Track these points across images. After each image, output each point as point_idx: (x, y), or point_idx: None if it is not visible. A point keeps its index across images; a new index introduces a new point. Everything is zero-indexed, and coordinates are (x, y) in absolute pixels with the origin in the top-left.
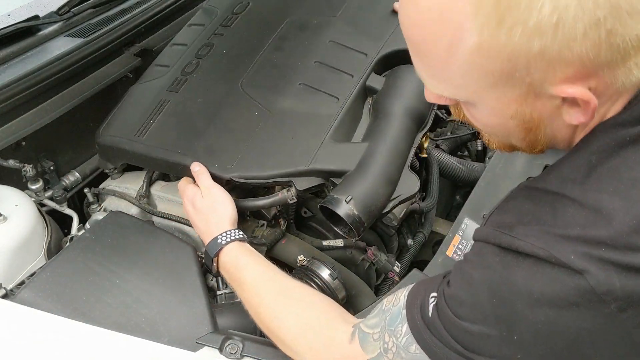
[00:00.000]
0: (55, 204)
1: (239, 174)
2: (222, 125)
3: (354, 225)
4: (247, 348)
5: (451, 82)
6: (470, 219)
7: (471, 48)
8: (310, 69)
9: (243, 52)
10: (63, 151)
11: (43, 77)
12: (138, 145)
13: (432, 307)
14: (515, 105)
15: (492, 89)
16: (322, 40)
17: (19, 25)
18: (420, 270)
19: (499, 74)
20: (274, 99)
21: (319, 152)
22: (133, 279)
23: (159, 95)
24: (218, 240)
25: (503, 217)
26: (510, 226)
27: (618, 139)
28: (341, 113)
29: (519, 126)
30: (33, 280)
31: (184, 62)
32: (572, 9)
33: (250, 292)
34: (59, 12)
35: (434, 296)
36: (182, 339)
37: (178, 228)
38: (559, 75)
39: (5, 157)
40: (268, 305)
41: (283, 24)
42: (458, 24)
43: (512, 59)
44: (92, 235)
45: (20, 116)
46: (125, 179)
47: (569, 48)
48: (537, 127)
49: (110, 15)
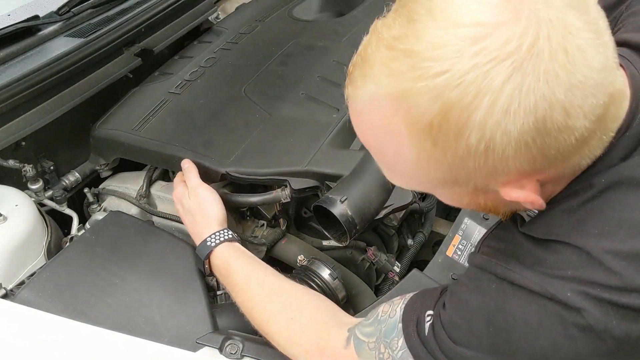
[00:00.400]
0: (55, 204)
1: (235, 169)
2: (222, 123)
3: (347, 226)
4: (247, 348)
5: (403, 180)
6: (470, 219)
7: (412, 161)
8: (313, 82)
9: (248, 63)
10: (63, 151)
11: (43, 77)
12: (134, 138)
13: (428, 325)
14: (468, 197)
15: (441, 187)
16: (326, 59)
17: (19, 25)
18: (420, 270)
19: (443, 180)
20: (275, 105)
21: (317, 155)
22: (133, 279)
23: (161, 96)
24: (207, 243)
25: (499, 244)
26: (505, 258)
27: (602, 184)
28: (341, 122)
29: (478, 209)
30: (33, 280)
31: (188, 70)
32: (498, 137)
33: (243, 295)
34: (59, 12)
35: (430, 314)
36: (182, 339)
37: (178, 228)
38: (500, 182)
39: (5, 157)
40: (261, 309)
41: (289, 44)
42: (397, 142)
43: (452, 171)
44: (92, 235)
45: (20, 116)
46: (126, 179)
47: (503, 165)
48: (495, 209)
49: (110, 15)
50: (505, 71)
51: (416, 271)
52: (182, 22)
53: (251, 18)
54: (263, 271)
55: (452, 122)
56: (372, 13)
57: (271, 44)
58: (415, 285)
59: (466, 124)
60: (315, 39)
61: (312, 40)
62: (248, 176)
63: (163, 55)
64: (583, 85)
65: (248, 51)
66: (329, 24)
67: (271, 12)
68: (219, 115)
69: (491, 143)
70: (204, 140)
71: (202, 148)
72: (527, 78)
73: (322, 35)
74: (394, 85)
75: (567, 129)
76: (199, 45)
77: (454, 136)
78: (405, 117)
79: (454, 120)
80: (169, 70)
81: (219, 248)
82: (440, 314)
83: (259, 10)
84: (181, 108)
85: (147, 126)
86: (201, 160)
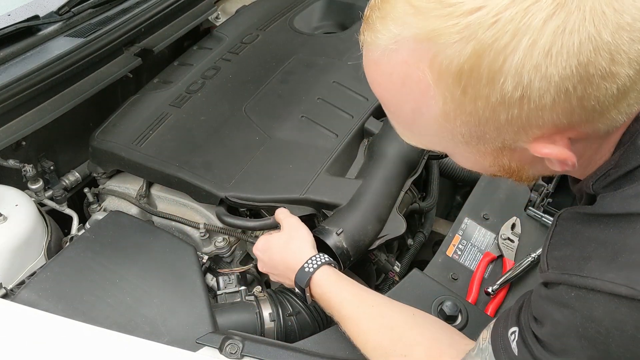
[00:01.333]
0: (55, 204)
1: (234, 193)
2: (222, 144)
3: (341, 258)
4: (247, 348)
5: (421, 138)
6: (470, 218)
7: (437, 114)
8: (313, 104)
9: (249, 78)
10: (63, 151)
11: (43, 77)
12: (135, 154)
13: (514, 344)
14: (491, 157)
15: (464, 145)
16: (326, 79)
17: (19, 25)
18: (420, 270)
19: (468, 135)
20: (275, 127)
21: (314, 183)
22: (133, 279)
23: (161, 108)
24: (305, 269)
25: (565, 251)
26: (578, 264)
27: None
28: (339, 149)
29: (499, 172)
30: (33, 280)
31: (189, 80)
32: (537, 83)
33: (352, 328)
34: (59, 12)
35: (514, 331)
36: (182, 339)
37: (178, 228)
38: (532, 136)
39: (5, 157)
40: (375, 345)
41: (290, 59)
42: (421, 91)
43: (480, 124)
44: (92, 235)
45: (20, 116)
46: (126, 179)
47: (538, 116)
48: (518, 172)
49: (110, 15)
50: (547, 8)
51: (416, 271)
52: (182, 22)
53: (252, 25)
54: (368, 297)
55: (485, 67)
56: None
57: (272, 59)
58: (415, 285)
59: (501, 68)
60: (316, 55)
61: (312, 56)
62: (246, 202)
63: (163, 55)
64: (631, 28)
65: (249, 64)
66: (329, 40)
67: (272, 19)
68: (219, 134)
69: (528, 90)
70: (204, 161)
71: (203, 170)
72: (572, 16)
73: (322, 52)
74: (420, 26)
75: (611, 76)
76: (199, 51)
77: (487, 82)
78: (432, 62)
79: (487, 64)
80: (169, 78)
81: (319, 274)
82: (529, 327)
83: (259, 16)
84: (181, 124)
85: (147, 141)
86: (201, 183)
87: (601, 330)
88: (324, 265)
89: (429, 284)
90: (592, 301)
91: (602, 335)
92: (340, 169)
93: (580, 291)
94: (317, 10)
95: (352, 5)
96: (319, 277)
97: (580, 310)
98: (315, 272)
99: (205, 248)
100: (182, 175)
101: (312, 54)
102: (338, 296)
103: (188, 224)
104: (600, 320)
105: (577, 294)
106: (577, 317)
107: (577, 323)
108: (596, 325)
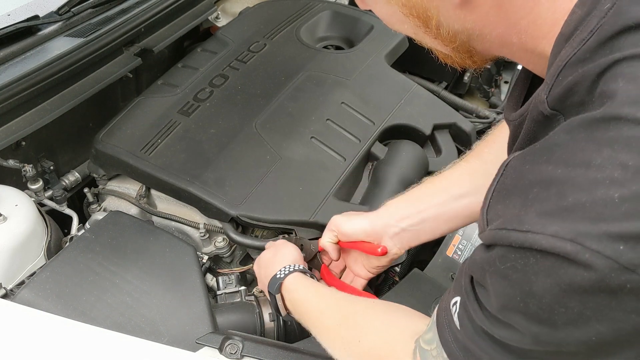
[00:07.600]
0: (55, 204)
1: (245, 213)
2: (233, 160)
3: None
4: (247, 348)
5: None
6: None
7: None
8: (322, 125)
9: (258, 92)
10: (63, 151)
11: (43, 77)
12: (143, 162)
13: (456, 315)
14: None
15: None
16: (335, 99)
17: (19, 25)
18: (420, 270)
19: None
20: (286, 146)
21: (323, 207)
22: (133, 279)
23: (169, 115)
24: (277, 276)
25: (506, 203)
26: (517, 215)
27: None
28: (346, 173)
29: (409, 16)
30: (33, 280)
31: (196, 87)
32: None
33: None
34: (59, 12)
35: (455, 302)
36: (182, 339)
37: (178, 228)
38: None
39: (5, 157)
40: (333, 337)
41: (299, 75)
42: None
43: None
44: (92, 235)
45: (20, 116)
46: (126, 179)
47: None
48: (424, 13)
49: (110, 15)
50: None
51: (416, 271)
52: (181, 22)
53: (257, 32)
54: (334, 296)
55: None
56: (379, 48)
57: (281, 72)
58: (415, 285)
59: None
60: (324, 73)
61: (321, 73)
62: (257, 222)
63: (163, 55)
64: None
65: (257, 76)
66: (338, 57)
67: (278, 26)
68: (230, 150)
69: None
70: (216, 178)
71: (215, 186)
72: None
73: (331, 70)
74: None
75: None
76: (203, 54)
77: None
78: None
79: None
80: (174, 81)
81: (289, 279)
82: (471, 293)
83: (264, 22)
84: (191, 135)
85: (156, 151)
86: (212, 200)
87: (544, 307)
88: (296, 272)
89: (429, 284)
90: (532, 268)
91: (545, 312)
92: (347, 192)
93: (518, 253)
94: (323, 21)
95: (357, 19)
96: (288, 282)
97: (518, 283)
98: (285, 277)
99: (205, 248)
100: (193, 190)
101: (321, 70)
102: (303, 297)
103: (188, 224)
104: (541, 296)
105: (515, 258)
106: (515, 291)
107: (518, 298)
108: (537, 302)
